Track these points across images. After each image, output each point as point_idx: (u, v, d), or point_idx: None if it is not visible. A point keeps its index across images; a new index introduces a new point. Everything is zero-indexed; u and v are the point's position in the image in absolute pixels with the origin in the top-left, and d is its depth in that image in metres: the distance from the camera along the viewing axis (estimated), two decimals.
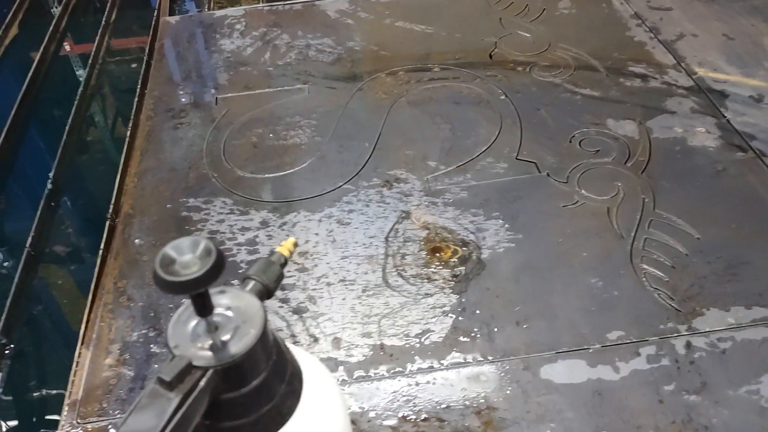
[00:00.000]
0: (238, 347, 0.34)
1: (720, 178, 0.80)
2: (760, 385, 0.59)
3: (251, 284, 0.38)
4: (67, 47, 1.29)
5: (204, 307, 0.33)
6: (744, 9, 1.09)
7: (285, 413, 0.37)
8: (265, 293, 0.38)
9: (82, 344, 0.67)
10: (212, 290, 0.36)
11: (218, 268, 0.32)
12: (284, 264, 0.41)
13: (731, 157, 0.83)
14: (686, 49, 1.02)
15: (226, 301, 0.36)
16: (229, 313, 0.35)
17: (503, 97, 0.96)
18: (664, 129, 0.88)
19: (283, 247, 0.41)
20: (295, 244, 0.42)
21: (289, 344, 0.42)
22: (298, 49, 1.09)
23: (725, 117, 0.88)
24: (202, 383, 0.33)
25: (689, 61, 0.99)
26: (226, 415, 0.35)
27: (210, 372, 0.33)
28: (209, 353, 0.34)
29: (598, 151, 0.85)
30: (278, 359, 0.37)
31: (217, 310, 0.35)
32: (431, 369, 0.63)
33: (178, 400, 0.32)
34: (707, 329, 0.64)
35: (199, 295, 0.33)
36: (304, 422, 0.38)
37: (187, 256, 0.32)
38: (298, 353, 0.41)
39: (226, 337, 0.34)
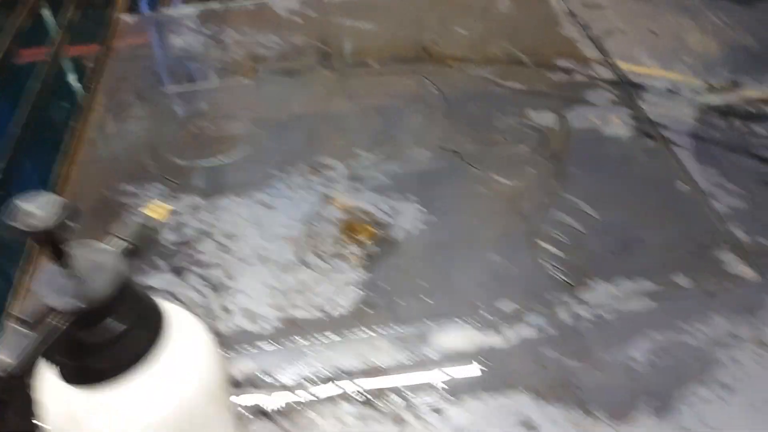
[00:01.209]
0: (94, 291, 0.39)
1: (628, 164, 0.85)
2: (634, 351, 0.63)
3: (114, 240, 0.42)
4: None
5: (57, 255, 0.38)
6: (673, 7, 1.14)
7: (142, 354, 0.42)
8: (129, 249, 0.43)
9: None
10: (76, 243, 0.41)
11: (64, 217, 0.36)
12: (152, 224, 0.45)
13: (641, 145, 0.88)
14: (613, 44, 1.07)
15: (86, 252, 0.40)
16: (88, 263, 0.40)
17: (435, 91, 1.00)
18: (582, 119, 0.92)
19: (154, 210, 0.46)
20: (169, 210, 0.47)
21: (166, 302, 0.47)
22: (245, 45, 1.14)
23: (641, 108, 0.93)
24: (58, 323, 0.38)
25: (614, 55, 1.04)
26: (83, 354, 0.40)
27: (65, 313, 0.38)
28: (65, 297, 0.38)
29: (517, 140, 0.90)
30: (136, 305, 0.41)
31: (77, 260, 0.40)
32: (336, 338, 0.67)
33: (34, 338, 0.37)
34: (593, 300, 0.68)
35: (50, 243, 0.37)
36: (164, 364, 0.43)
37: (34, 205, 0.36)
38: (167, 305, 0.46)
39: (82, 283, 0.39)
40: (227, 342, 0.67)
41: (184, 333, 0.45)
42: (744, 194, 0.79)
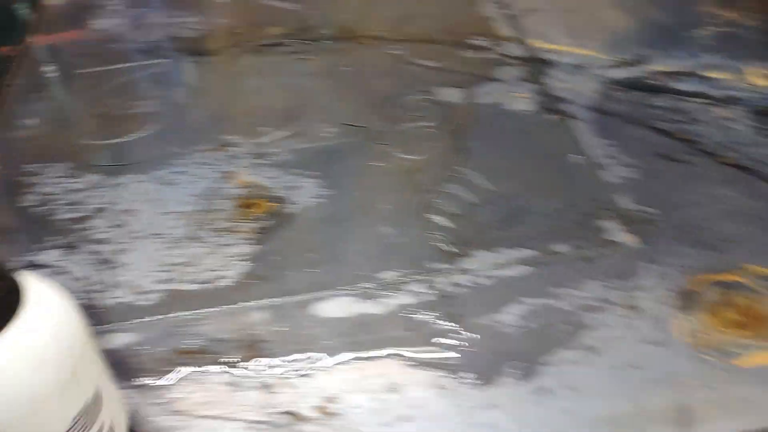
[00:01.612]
0: None
1: (527, 138, 0.86)
2: (504, 315, 0.64)
3: None
4: None
5: None
6: None
7: None
8: None
9: None
10: None
11: None
12: None
13: (542, 119, 0.88)
14: (529, 22, 1.07)
15: None
16: None
17: (349, 68, 1.01)
18: (488, 95, 0.93)
19: None
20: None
21: (26, 273, 0.47)
22: (166, 26, 1.13)
23: (546, 83, 0.94)
24: None
25: (528, 33, 1.05)
26: None
27: None
28: None
29: (423, 116, 0.90)
30: None
31: None
32: (216, 309, 0.68)
33: None
34: (473, 268, 0.69)
35: None
36: (16, 330, 0.43)
37: None
38: (26, 275, 0.46)
39: None
40: (112, 315, 0.68)
41: (41, 301, 0.46)
42: (636, 165, 0.80)
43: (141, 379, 0.62)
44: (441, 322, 0.64)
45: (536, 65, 0.98)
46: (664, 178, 0.78)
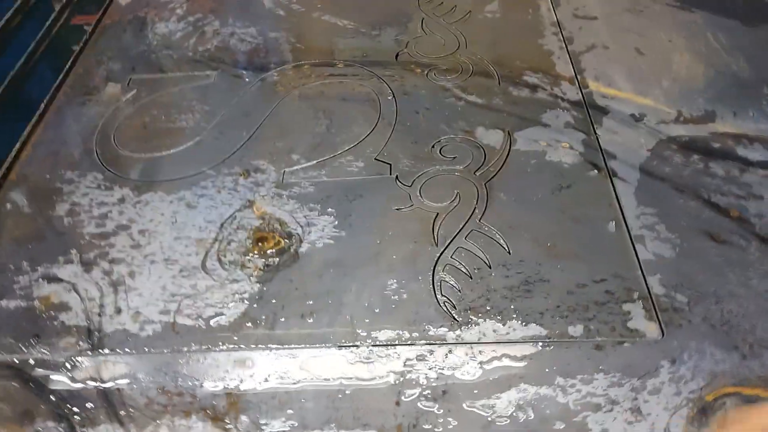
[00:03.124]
0: None
1: (560, 194, 0.80)
2: (497, 401, 0.60)
3: None
4: None
5: None
6: (670, 24, 1.06)
7: None
8: None
9: None
10: None
11: None
12: None
13: (582, 174, 0.82)
14: (591, 61, 1.00)
15: None
16: None
17: (390, 97, 0.98)
18: (529, 141, 0.88)
19: None
20: None
21: None
22: (222, 36, 1.14)
23: (596, 134, 0.87)
24: None
25: (588, 74, 0.98)
26: None
27: None
28: None
29: (455, 158, 0.86)
30: None
31: None
32: (207, 349, 0.67)
33: None
34: (475, 341, 0.65)
35: None
36: None
37: None
38: None
39: None
40: (108, 342, 0.68)
41: None
42: (676, 241, 0.73)
43: (119, 411, 0.62)
44: (427, 400, 0.61)
45: (589, 112, 0.91)
46: (704, 260, 0.71)
